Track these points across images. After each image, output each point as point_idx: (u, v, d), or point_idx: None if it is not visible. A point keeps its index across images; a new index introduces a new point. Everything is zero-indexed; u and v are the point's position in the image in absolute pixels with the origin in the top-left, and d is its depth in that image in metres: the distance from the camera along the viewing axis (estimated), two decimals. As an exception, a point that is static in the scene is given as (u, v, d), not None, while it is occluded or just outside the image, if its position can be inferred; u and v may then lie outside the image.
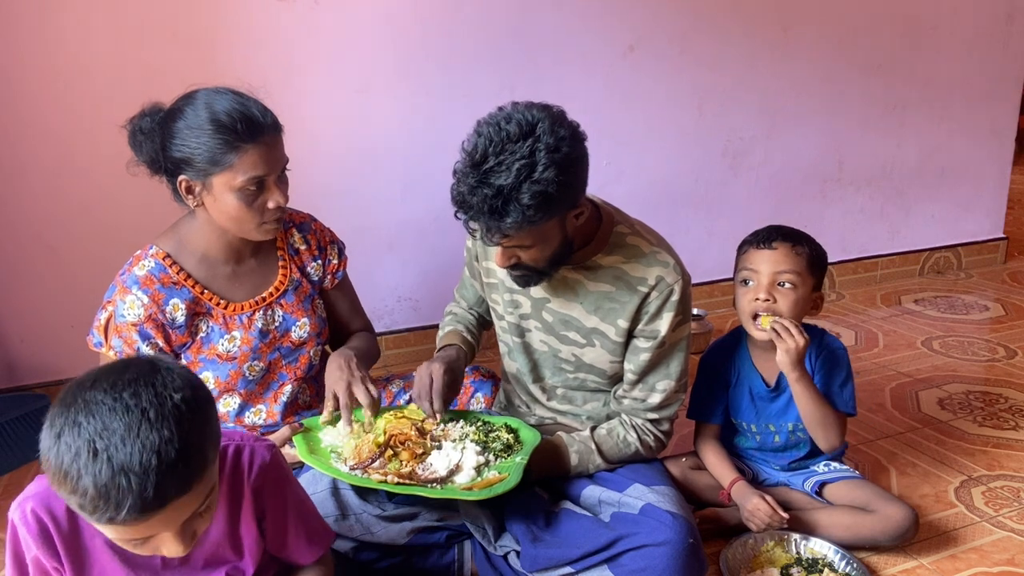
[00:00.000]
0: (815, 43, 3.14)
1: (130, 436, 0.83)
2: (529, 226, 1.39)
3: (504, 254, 1.49)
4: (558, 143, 1.35)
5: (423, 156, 2.63)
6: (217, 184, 1.48)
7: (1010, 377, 2.59)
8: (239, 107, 1.46)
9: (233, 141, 1.44)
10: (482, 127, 1.38)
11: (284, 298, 1.69)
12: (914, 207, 3.61)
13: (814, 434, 1.73)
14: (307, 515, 1.23)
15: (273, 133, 1.49)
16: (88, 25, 2.18)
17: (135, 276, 1.56)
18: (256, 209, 1.51)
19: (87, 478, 0.82)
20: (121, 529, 0.88)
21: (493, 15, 2.61)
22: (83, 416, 0.84)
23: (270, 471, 1.14)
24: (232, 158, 1.44)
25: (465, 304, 1.89)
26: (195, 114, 1.45)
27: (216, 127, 1.43)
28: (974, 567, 1.67)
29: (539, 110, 1.39)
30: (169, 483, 0.85)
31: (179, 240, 1.61)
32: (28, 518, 1.02)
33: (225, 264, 1.64)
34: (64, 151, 2.25)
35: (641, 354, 1.61)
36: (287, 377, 1.72)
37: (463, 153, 1.39)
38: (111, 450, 0.82)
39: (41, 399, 2.30)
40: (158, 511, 0.86)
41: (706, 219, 3.17)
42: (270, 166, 1.48)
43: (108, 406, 0.84)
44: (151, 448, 0.83)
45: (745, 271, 1.73)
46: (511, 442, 1.63)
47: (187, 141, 1.45)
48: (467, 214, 1.40)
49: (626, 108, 2.89)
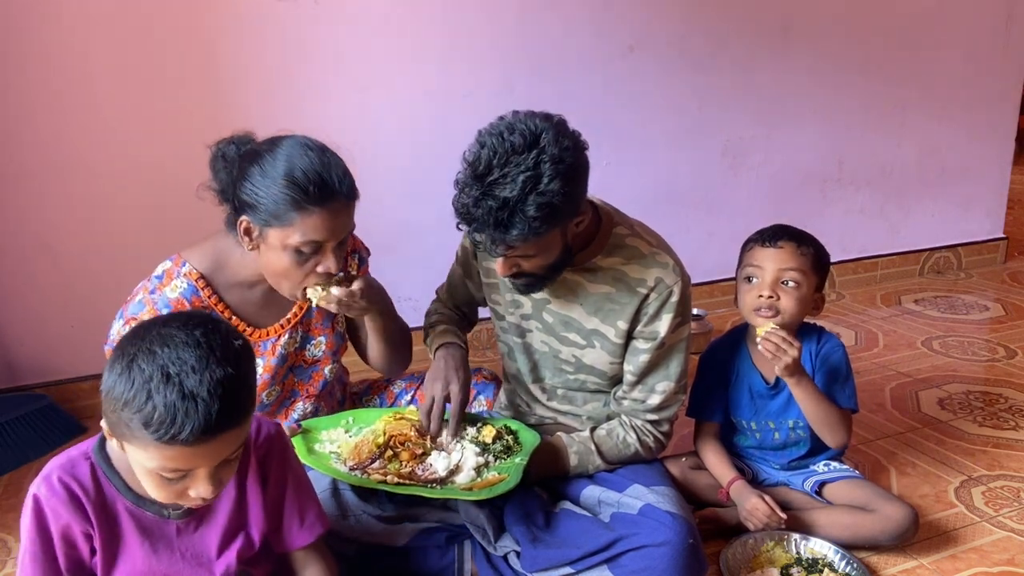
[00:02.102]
0: (815, 43, 3.14)
1: (200, 366, 0.94)
2: (534, 237, 1.38)
3: (506, 263, 1.48)
4: (562, 154, 1.35)
5: (423, 156, 2.62)
6: (273, 237, 1.42)
7: (1010, 377, 2.59)
8: (318, 168, 1.40)
9: (302, 201, 1.38)
10: (484, 137, 1.37)
11: (307, 316, 1.65)
12: (914, 207, 3.61)
13: (821, 433, 1.73)
14: (304, 495, 1.26)
15: (346, 200, 1.44)
16: (88, 26, 2.18)
17: (166, 299, 1.47)
18: (304, 271, 1.45)
19: (157, 398, 0.92)
20: (173, 452, 0.95)
21: (493, 15, 2.61)
22: (158, 346, 0.95)
23: (275, 442, 1.22)
24: (295, 217, 1.39)
25: (452, 303, 1.88)
26: (273, 163, 1.40)
27: (288, 182, 1.38)
28: (974, 567, 1.67)
29: (542, 120, 1.37)
30: (226, 413, 0.95)
31: (217, 263, 1.53)
32: (56, 487, 1.08)
33: (258, 292, 1.58)
34: (65, 153, 2.24)
35: (641, 355, 1.61)
36: (299, 394, 1.70)
37: (464, 163, 1.38)
38: (182, 376, 0.93)
39: (41, 399, 2.30)
40: (211, 439, 0.96)
41: (706, 219, 3.17)
42: (331, 233, 1.43)
43: (182, 340, 0.95)
44: (217, 380, 0.94)
45: (749, 268, 1.73)
46: (511, 444, 1.64)
47: (258, 187, 1.40)
48: (471, 226, 1.39)
49: (626, 108, 2.89)
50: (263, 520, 1.22)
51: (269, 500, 1.22)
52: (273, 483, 1.22)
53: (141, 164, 2.31)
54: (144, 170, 2.31)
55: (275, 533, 1.25)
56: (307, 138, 1.45)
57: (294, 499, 1.24)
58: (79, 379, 2.41)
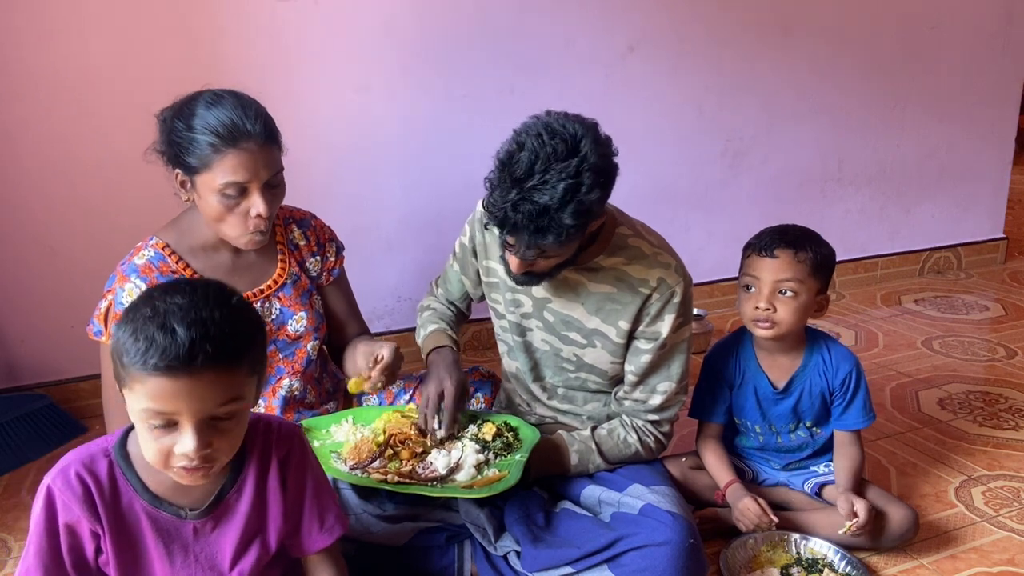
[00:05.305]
0: (815, 43, 3.14)
1: (187, 306, 1.00)
2: (568, 242, 1.38)
3: (523, 263, 1.47)
4: (601, 162, 1.35)
5: (423, 156, 2.63)
6: (200, 184, 1.51)
7: (1010, 377, 2.59)
8: (230, 111, 1.48)
9: (217, 144, 1.46)
10: (523, 138, 1.35)
11: (282, 291, 1.70)
12: (914, 207, 3.61)
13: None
14: (325, 498, 1.25)
15: (261, 141, 1.49)
16: (88, 25, 2.18)
17: (134, 265, 1.58)
18: (238, 215, 1.52)
19: (143, 330, 0.98)
20: (155, 386, 0.98)
21: (493, 15, 2.61)
22: (158, 296, 1.02)
23: (295, 445, 1.21)
24: (214, 159, 1.47)
25: (446, 298, 1.88)
26: (191, 112, 1.49)
27: (204, 128, 1.47)
28: (974, 567, 1.67)
29: (579, 124, 1.37)
30: (204, 347, 0.97)
31: (180, 231, 1.63)
32: (72, 481, 1.08)
33: (224, 256, 1.65)
34: (65, 152, 2.24)
35: (642, 355, 1.61)
36: (284, 371, 1.72)
37: (499, 164, 1.36)
38: (169, 313, 0.99)
39: (41, 399, 2.30)
40: (191, 374, 0.98)
41: (706, 219, 3.17)
42: (251, 173, 1.49)
43: (179, 290, 1.03)
44: (201, 318, 0.99)
45: (747, 277, 1.72)
46: (511, 440, 1.64)
47: (180, 138, 1.49)
48: (504, 228, 1.38)
49: (626, 108, 2.89)
50: (281, 523, 1.20)
51: (288, 502, 1.20)
52: (293, 485, 1.21)
53: (141, 164, 2.30)
54: (144, 170, 2.31)
55: (293, 537, 1.23)
56: (224, 89, 1.53)
57: (314, 502, 1.22)
58: (79, 379, 2.41)
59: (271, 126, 1.53)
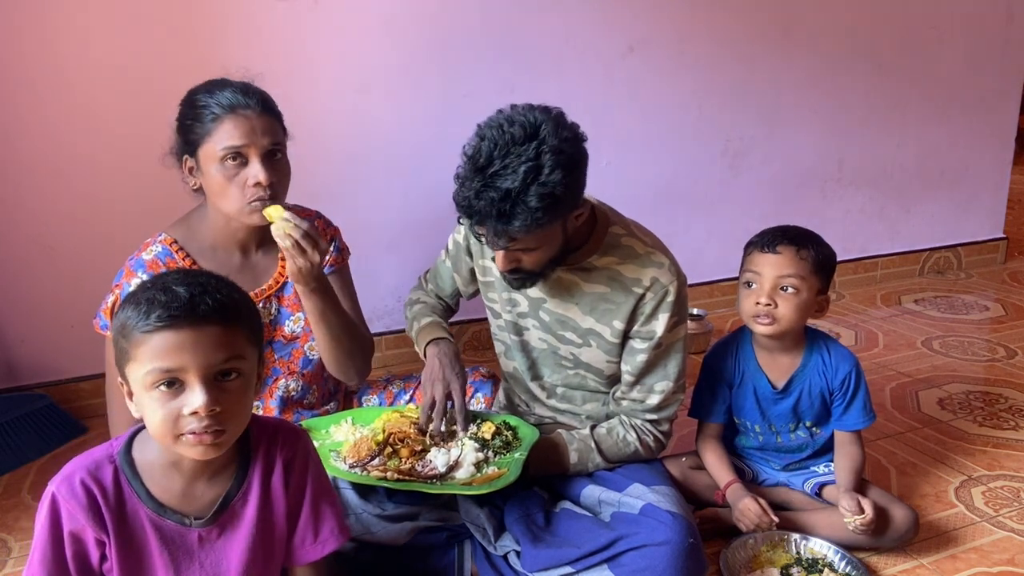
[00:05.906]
0: (815, 43, 3.14)
1: (188, 274, 1.06)
2: (537, 228, 1.38)
3: (506, 258, 1.48)
4: (562, 144, 1.35)
5: (423, 156, 2.62)
6: (203, 159, 1.54)
7: (1010, 377, 2.59)
8: (223, 83, 1.55)
9: (217, 113, 1.51)
10: (484, 130, 1.38)
11: (283, 291, 1.70)
12: (914, 207, 3.61)
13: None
14: (323, 506, 1.21)
15: (257, 109, 1.53)
16: (88, 25, 2.18)
17: (142, 260, 1.60)
18: (237, 185, 1.53)
19: (152, 291, 1.02)
20: (158, 344, 1.00)
21: (493, 15, 2.61)
22: (155, 276, 1.08)
23: (300, 447, 1.21)
24: (211, 127, 1.51)
25: (436, 293, 1.88)
26: (190, 96, 1.56)
27: (204, 103, 1.53)
28: (974, 567, 1.67)
29: (540, 112, 1.39)
30: (205, 301, 1.01)
31: (188, 228, 1.66)
32: (77, 489, 1.07)
33: (231, 255, 1.66)
34: (64, 151, 2.24)
35: (638, 355, 1.61)
36: (280, 372, 1.72)
37: (464, 157, 1.39)
38: (169, 281, 1.04)
39: (41, 399, 2.30)
40: (193, 326, 1.01)
41: (706, 219, 3.17)
42: (247, 137, 1.51)
43: (179, 270, 1.11)
44: (200, 282, 1.04)
45: (748, 273, 1.72)
46: (510, 439, 1.64)
47: (185, 115, 1.56)
48: (473, 219, 1.40)
49: (626, 108, 2.89)
50: (284, 528, 1.18)
51: (290, 505, 1.18)
52: (295, 488, 1.19)
53: (141, 164, 2.30)
54: (145, 170, 2.30)
55: (289, 538, 1.20)
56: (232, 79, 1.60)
57: (312, 508, 1.20)
58: (79, 379, 2.41)
59: (269, 101, 1.57)
